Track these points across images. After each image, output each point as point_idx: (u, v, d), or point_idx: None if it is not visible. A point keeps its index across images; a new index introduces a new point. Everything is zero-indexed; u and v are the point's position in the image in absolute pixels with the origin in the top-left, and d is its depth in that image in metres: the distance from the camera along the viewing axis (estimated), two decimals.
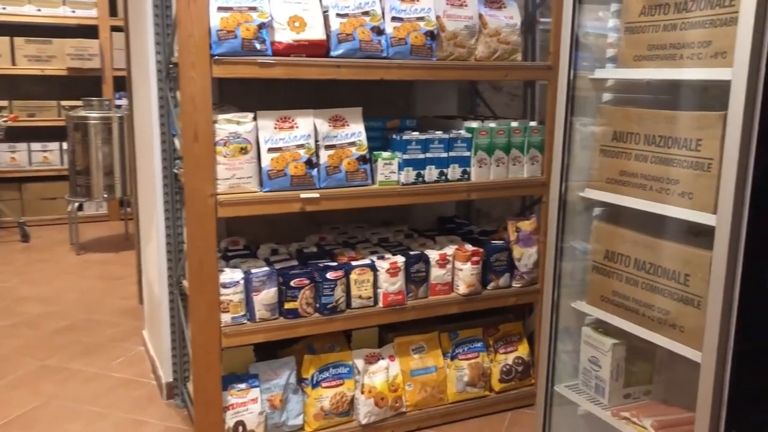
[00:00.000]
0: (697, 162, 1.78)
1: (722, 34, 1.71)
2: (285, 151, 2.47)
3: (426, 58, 2.61)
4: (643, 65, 1.93)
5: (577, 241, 2.31)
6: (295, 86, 2.62)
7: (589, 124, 2.23)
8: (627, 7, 2.00)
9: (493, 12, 2.79)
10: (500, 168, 2.82)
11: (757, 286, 1.65)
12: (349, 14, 2.50)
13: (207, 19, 2.25)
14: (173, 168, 2.81)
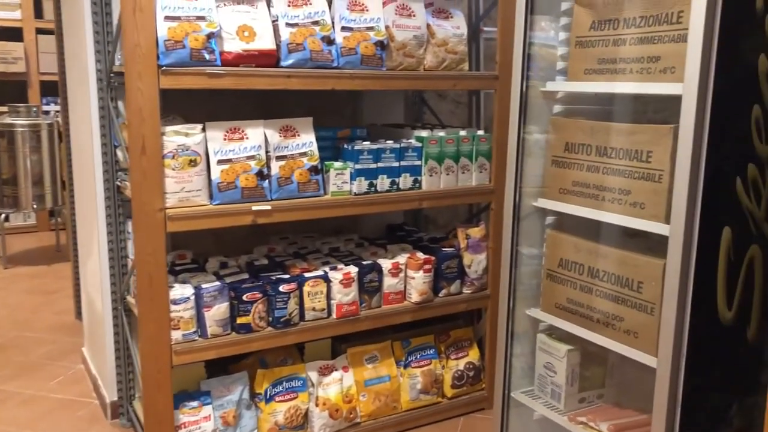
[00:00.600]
0: (648, 173, 1.84)
1: (671, 50, 1.78)
2: (235, 163, 2.42)
3: (376, 68, 2.61)
4: (593, 78, 1.99)
5: (527, 248, 2.36)
6: (241, 95, 2.58)
7: (536, 133, 2.27)
8: (577, 22, 2.05)
9: (441, 22, 2.81)
10: (450, 176, 2.84)
11: (708, 294, 1.71)
12: (299, 24, 2.48)
13: (154, 29, 2.19)
14: (116, 180, 2.72)
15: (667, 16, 1.79)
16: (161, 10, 2.22)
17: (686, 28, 1.73)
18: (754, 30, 1.68)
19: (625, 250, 1.96)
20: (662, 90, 1.76)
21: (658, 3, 1.82)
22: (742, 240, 1.75)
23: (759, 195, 1.76)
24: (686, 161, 1.64)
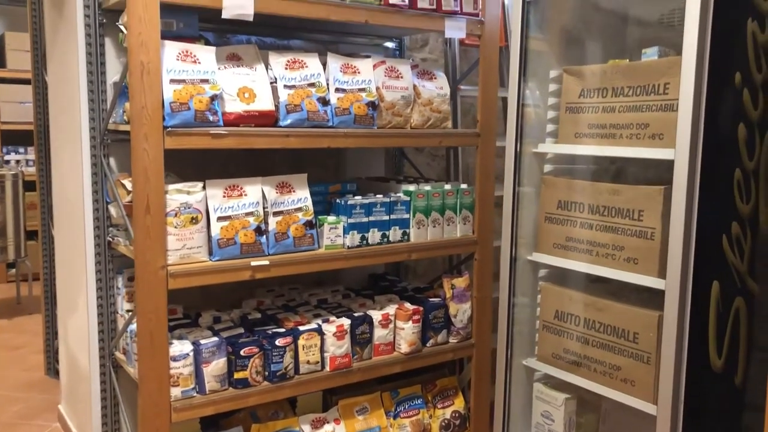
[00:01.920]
0: (640, 231, 1.98)
1: (658, 118, 1.93)
2: (234, 219, 2.47)
3: (368, 126, 2.72)
4: (584, 142, 2.13)
5: (520, 297, 2.46)
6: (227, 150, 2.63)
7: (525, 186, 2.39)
8: (566, 89, 2.20)
9: (425, 83, 2.95)
10: (436, 228, 2.95)
11: (701, 343, 1.84)
12: (296, 86, 2.57)
13: (160, 92, 2.25)
14: (107, 235, 2.73)
15: (654, 87, 1.96)
16: (167, 73, 2.28)
17: (673, 98, 1.90)
18: (735, 101, 1.85)
19: (617, 301, 2.08)
20: (655, 155, 1.91)
21: (646, 75, 1.98)
22: (728, 293, 1.89)
23: (742, 251, 1.92)
24: (680, 221, 1.78)
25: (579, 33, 2.36)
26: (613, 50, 2.42)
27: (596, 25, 2.41)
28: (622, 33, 2.46)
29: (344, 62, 2.72)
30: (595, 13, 2.39)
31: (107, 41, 2.66)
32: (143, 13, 2.18)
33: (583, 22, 2.37)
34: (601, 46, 2.40)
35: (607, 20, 2.43)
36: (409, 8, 2.74)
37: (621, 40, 2.46)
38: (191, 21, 2.42)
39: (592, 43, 2.39)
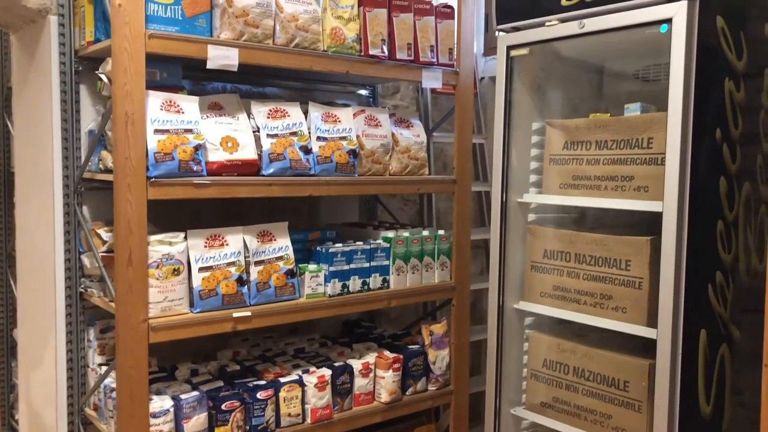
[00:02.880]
0: (628, 280, 2.02)
1: (643, 171, 2.00)
2: (216, 270, 2.43)
3: (349, 174, 2.72)
4: (569, 193, 2.19)
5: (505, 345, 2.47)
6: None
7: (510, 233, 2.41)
8: (550, 141, 2.26)
9: (403, 131, 2.98)
10: (415, 275, 2.96)
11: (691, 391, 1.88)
12: (279, 134, 2.57)
13: (145, 142, 2.21)
14: (79, 286, 2.64)
15: (638, 141, 2.03)
16: (151, 123, 2.25)
17: (657, 152, 1.97)
18: (715, 156, 1.93)
19: (606, 349, 2.11)
20: (642, 207, 1.97)
21: (629, 129, 2.05)
22: (714, 340, 1.95)
23: (725, 299, 1.98)
24: (670, 272, 1.83)
25: (558, 86, 2.43)
26: (591, 103, 2.50)
27: (575, 79, 2.49)
28: (599, 87, 2.55)
29: (325, 111, 2.73)
30: (573, 68, 2.47)
31: (82, 88, 2.61)
32: (129, 64, 2.15)
33: (562, 76, 2.45)
34: (579, 98, 2.48)
35: (584, 75, 2.51)
36: (388, 59, 2.78)
37: (599, 94, 2.55)
38: (175, 71, 2.40)
39: (571, 95, 2.47)
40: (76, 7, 2.53)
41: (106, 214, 2.66)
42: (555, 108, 2.38)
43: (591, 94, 2.52)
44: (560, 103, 2.41)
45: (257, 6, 2.42)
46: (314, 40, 2.58)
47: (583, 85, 2.50)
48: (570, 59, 2.41)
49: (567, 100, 2.43)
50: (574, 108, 2.43)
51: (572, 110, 2.41)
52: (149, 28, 2.21)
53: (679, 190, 1.82)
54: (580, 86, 2.49)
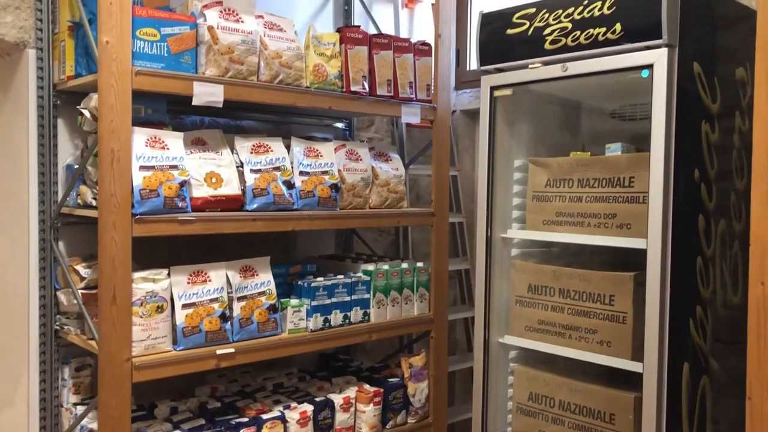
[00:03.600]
0: (612, 314, 2.08)
1: (625, 209, 2.07)
2: (199, 306, 2.41)
3: (331, 208, 2.74)
4: (553, 229, 2.24)
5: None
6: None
7: (494, 268, 2.45)
8: (533, 179, 2.32)
9: (382, 164, 3.02)
10: (395, 307, 2.97)
11: (675, 424, 1.94)
12: (262, 170, 2.57)
13: (130, 179, 2.19)
14: (54, 324, 2.58)
15: (620, 180, 2.10)
16: (136, 159, 2.23)
17: (638, 191, 2.04)
18: (694, 195, 2.01)
19: (591, 383, 2.16)
20: (626, 244, 2.03)
21: (611, 168, 2.12)
22: (696, 373, 2.01)
23: (705, 332, 2.05)
24: (655, 307, 1.89)
25: (538, 123, 2.50)
26: (570, 140, 2.58)
27: (554, 117, 2.57)
28: (577, 124, 2.63)
29: (307, 146, 2.75)
30: (553, 106, 2.55)
31: (60, 122, 2.58)
32: (116, 101, 2.14)
33: (542, 114, 2.52)
34: (559, 135, 2.55)
35: (564, 112, 2.59)
36: (369, 95, 2.82)
37: (577, 131, 2.63)
38: (159, 107, 2.40)
39: (550, 133, 2.54)
40: (56, 41, 2.51)
41: (84, 249, 2.62)
42: (535, 145, 2.45)
43: (570, 132, 2.60)
44: (540, 140, 2.48)
45: (242, 43, 2.43)
46: (297, 77, 2.61)
47: (561, 123, 2.58)
48: (550, 98, 2.48)
49: (547, 137, 2.50)
50: (553, 144, 2.50)
51: (552, 147, 2.48)
52: (135, 65, 2.20)
53: (663, 228, 1.89)
54: (558, 124, 2.56)
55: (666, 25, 1.87)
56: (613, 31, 1.99)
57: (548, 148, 2.47)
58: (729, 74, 2.15)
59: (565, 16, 2.10)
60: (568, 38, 2.09)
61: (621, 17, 1.97)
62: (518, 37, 2.22)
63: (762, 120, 1.67)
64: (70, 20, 2.41)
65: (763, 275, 1.69)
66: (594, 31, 2.03)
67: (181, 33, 2.32)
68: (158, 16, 2.28)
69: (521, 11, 2.22)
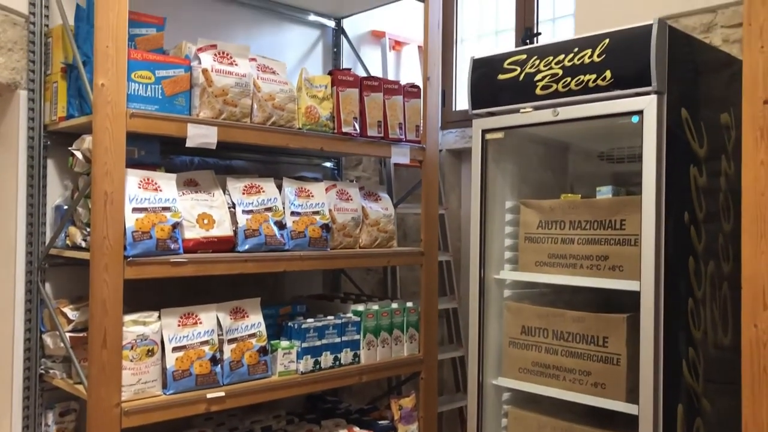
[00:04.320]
0: (606, 356, 2.09)
1: (617, 251, 2.10)
2: (189, 349, 2.38)
3: (322, 248, 2.74)
4: (545, 270, 2.26)
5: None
6: None
7: (487, 309, 2.45)
8: (525, 220, 2.34)
9: (372, 204, 3.03)
10: (385, 348, 2.96)
11: None
12: (254, 210, 2.57)
13: (123, 222, 2.18)
14: (39, 367, 2.53)
15: (611, 223, 2.13)
16: (129, 201, 2.23)
17: (630, 233, 2.07)
18: (684, 237, 2.04)
19: (586, 425, 2.16)
20: (619, 286, 2.05)
21: (602, 211, 2.16)
22: (690, 415, 2.02)
23: (697, 374, 2.07)
24: (649, 350, 1.91)
25: (528, 165, 2.54)
26: (559, 181, 2.62)
27: (544, 159, 2.61)
28: (566, 166, 2.68)
29: (299, 186, 2.76)
30: (542, 148, 2.59)
31: (50, 163, 2.57)
32: (110, 143, 2.14)
33: (532, 156, 2.56)
34: (548, 177, 2.59)
35: (553, 154, 2.63)
36: (360, 136, 2.85)
37: (566, 173, 2.67)
38: (152, 148, 2.40)
39: (540, 174, 2.58)
40: (48, 83, 2.51)
41: (71, 291, 2.58)
42: (525, 186, 2.48)
43: (559, 173, 2.64)
44: (530, 182, 2.51)
45: (236, 86, 2.45)
46: (290, 118, 2.63)
47: (551, 164, 2.62)
48: (540, 139, 2.52)
49: (536, 179, 2.54)
50: (542, 185, 2.53)
51: (541, 187, 2.51)
52: (130, 107, 2.21)
53: (656, 270, 1.92)
54: (548, 165, 2.60)
55: (655, 72, 1.92)
56: (603, 77, 2.04)
57: (538, 188, 2.51)
58: (714, 119, 2.21)
59: (555, 63, 2.15)
60: (558, 84, 2.14)
61: (611, 65, 2.02)
62: (509, 82, 2.27)
63: (750, 166, 1.71)
64: (63, 62, 2.41)
65: (755, 317, 1.71)
66: (584, 78, 2.08)
67: (176, 75, 2.34)
68: (153, 59, 2.29)
69: (512, 57, 2.27)
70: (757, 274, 1.69)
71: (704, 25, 2.63)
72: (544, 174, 2.59)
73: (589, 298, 2.33)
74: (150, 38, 2.43)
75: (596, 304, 2.26)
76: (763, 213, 1.68)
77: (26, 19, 2.47)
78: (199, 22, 2.97)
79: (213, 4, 3.02)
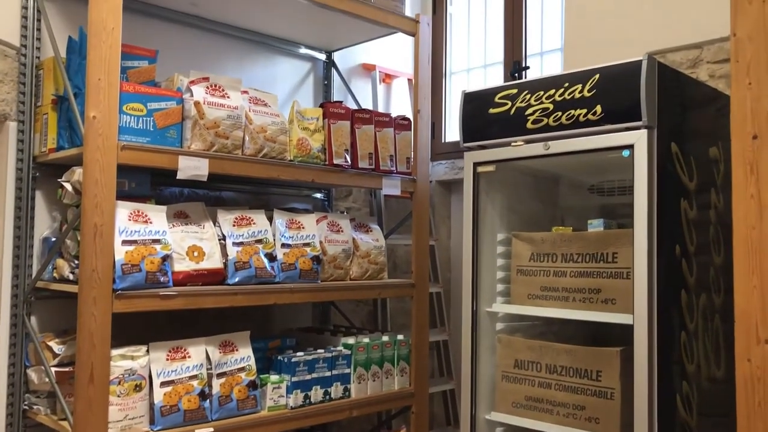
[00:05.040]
0: (599, 390, 2.08)
1: (609, 284, 2.10)
2: (178, 384, 2.34)
3: (313, 281, 2.72)
4: (538, 303, 2.26)
5: None
6: None
7: (480, 343, 2.44)
8: (517, 253, 2.34)
9: (362, 235, 3.02)
10: (376, 382, 2.93)
11: None
12: (244, 242, 2.55)
13: (112, 254, 2.16)
14: (23, 403, 2.48)
15: (603, 256, 2.13)
16: (119, 234, 2.20)
17: (622, 266, 2.08)
18: (676, 271, 2.05)
19: None
20: (613, 319, 2.05)
21: (594, 244, 2.16)
22: None
23: (691, 408, 2.06)
24: (643, 384, 1.90)
25: (520, 197, 2.54)
26: (550, 214, 2.63)
27: (534, 191, 2.62)
28: (556, 198, 2.69)
29: (290, 218, 2.75)
30: (533, 180, 2.60)
31: (38, 194, 2.55)
32: (100, 175, 2.12)
33: (523, 188, 2.57)
34: (539, 209, 2.60)
35: (544, 186, 2.65)
36: (351, 168, 2.85)
37: (556, 205, 2.69)
38: (143, 180, 2.38)
39: (530, 206, 2.58)
40: (38, 114, 2.50)
41: (57, 325, 2.54)
42: (516, 218, 2.49)
43: (549, 205, 2.65)
44: (521, 214, 2.52)
45: (228, 118, 2.45)
46: (281, 150, 2.63)
47: (542, 196, 2.63)
48: (532, 171, 2.54)
49: (527, 211, 2.55)
50: (534, 217, 2.54)
51: (533, 220, 2.52)
52: (121, 140, 2.20)
53: (648, 303, 1.92)
54: (539, 197, 2.61)
55: (645, 107, 1.94)
56: (594, 112, 2.06)
57: (528, 220, 2.51)
58: (703, 153, 2.23)
59: (546, 98, 2.17)
60: (549, 118, 2.16)
61: (601, 100, 2.05)
62: (500, 116, 2.29)
63: (740, 200, 1.72)
64: (54, 94, 2.41)
65: (749, 352, 1.71)
66: (575, 113, 2.10)
67: (168, 108, 2.34)
68: (145, 91, 2.29)
69: (503, 92, 2.29)
70: (750, 308, 1.69)
71: (691, 60, 2.67)
72: (535, 206, 2.60)
73: (581, 330, 2.33)
74: (142, 70, 2.43)
75: (587, 336, 2.25)
76: (754, 247, 1.69)
77: (17, 51, 2.47)
78: (191, 55, 2.98)
79: (205, 37, 3.03)
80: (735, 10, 1.74)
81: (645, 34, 2.79)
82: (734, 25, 1.74)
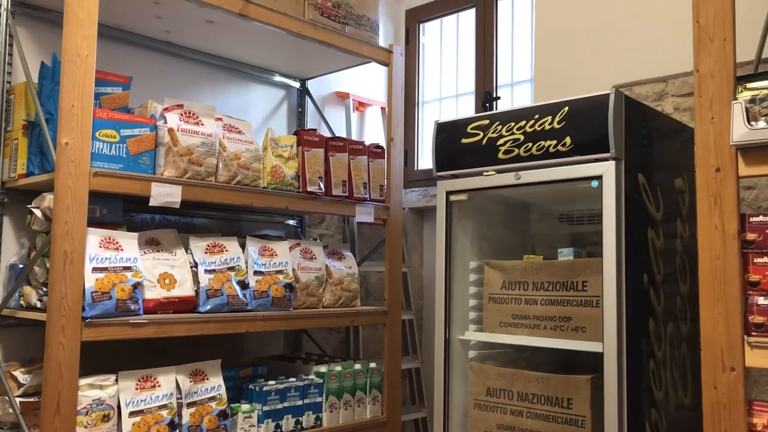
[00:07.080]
0: (570, 418, 2.09)
1: (579, 312, 2.13)
2: (147, 414, 2.30)
3: (285, 308, 2.71)
4: (509, 331, 2.28)
5: None
6: None
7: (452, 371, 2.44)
8: (488, 280, 2.37)
9: (335, 262, 3.03)
10: (348, 411, 2.91)
11: None
12: (216, 270, 2.54)
13: (82, 282, 2.13)
14: None
15: (573, 284, 2.17)
16: (89, 261, 2.18)
17: (592, 295, 2.11)
18: (644, 299, 2.09)
19: None
20: (583, 347, 2.07)
21: (564, 272, 2.20)
22: None
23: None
24: (613, 411, 1.92)
25: (491, 226, 2.58)
26: (521, 242, 2.67)
27: (505, 219, 2.65)
28: (527, 226, 2.73)
29: (262, 245, 2.74)
30: (504, 209, 2.64)
31: (6, 220, 2.51)
32: (72, 202, 2.10)
33: (494, 217, 2.60)
34: (510, 237, 2.63)
35: (515, 215, 2.69)
36: (324, 195, 2.86)
37: (527, 233, 2.72)
38: (115, 207, 2.36)
39: (501, 234, 2.62)
40: (8, 139, 2.47)
41: (23, 354, 2.49)
42: (488, 245, 2.52)
43: (520, 233, 2.69)
44: (493, 241, 2.55)
45: (202, 145, 2.45)
46: (255, 177, 2.63)
47: (513, 225, 2.66)
48: (502, 200, 2.57)
49: (498, 239, 2.58)
50: (504, 244, 2.57)
51: (503, 247, 2.55)
52: (93, 166, 2.18)
53: (617, 332, 1.95)
54: (510, 225, 2.65)
55: (613, 139, 1.99)
56: (563, 143, 2.10)
57: (500, 248, 2.54)
58: (669, 184, 2.29)
59: (517, 129, 2.21)
60: (520, 149, 2.20)
61: (570, 131, 2.10)
62: (472, 146, 2.32)
63: (705, 231, 1.77)
64: (25, 119, 2.39)
65: (715, 379, 1.74)
66: (545, 143, 2.14)
67: (141, 135, 2.33)
68: (118, 118, 2.29)
69: (475, 122, 2.33)
70: (715, 336, 1.73)
71: (656, 93, 2.75)
72: (507, 233, 2.63)
73: (551, 358, 2.35)
74: (115, 97, 2.43)
75: (557, 363, 2.28)
76: (719, 277, 1.73)
77: None
78: (166, 81, 2.98)
79: (179, 64, 3.04)
80: (698, 48, 1.81)
81: (612, 67, 2.87)
82: (697, 62, 1.80)
